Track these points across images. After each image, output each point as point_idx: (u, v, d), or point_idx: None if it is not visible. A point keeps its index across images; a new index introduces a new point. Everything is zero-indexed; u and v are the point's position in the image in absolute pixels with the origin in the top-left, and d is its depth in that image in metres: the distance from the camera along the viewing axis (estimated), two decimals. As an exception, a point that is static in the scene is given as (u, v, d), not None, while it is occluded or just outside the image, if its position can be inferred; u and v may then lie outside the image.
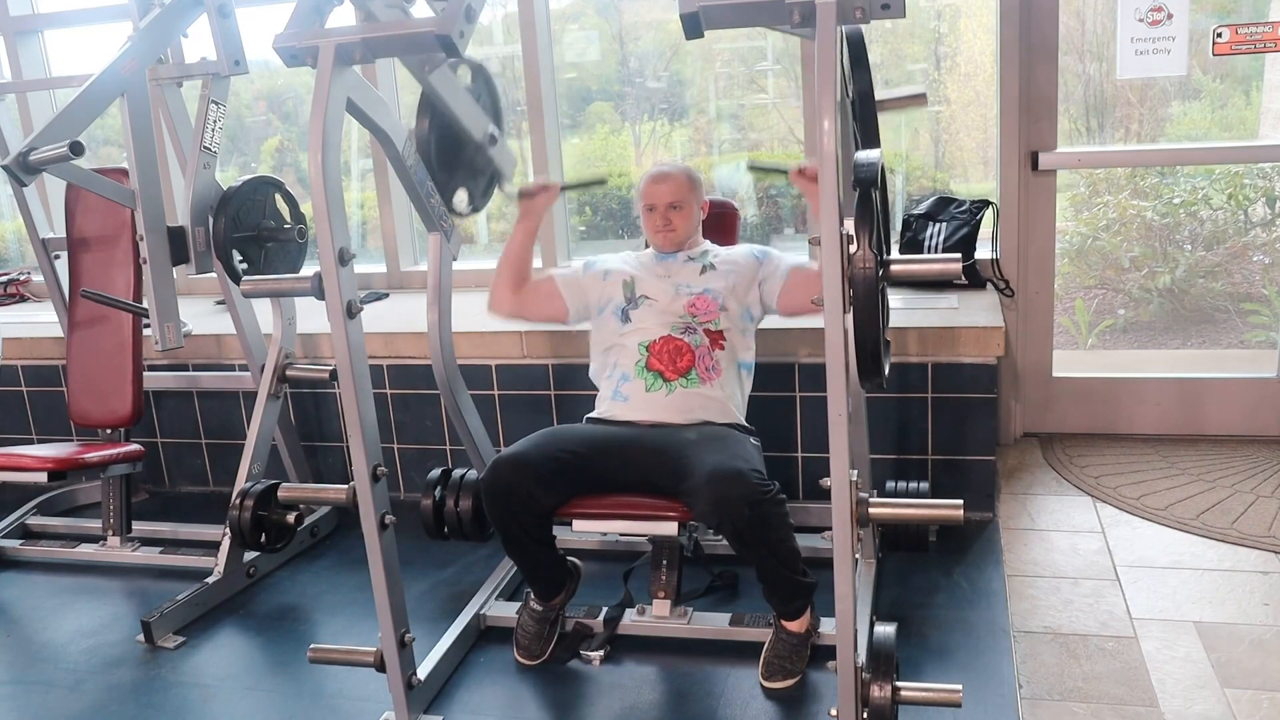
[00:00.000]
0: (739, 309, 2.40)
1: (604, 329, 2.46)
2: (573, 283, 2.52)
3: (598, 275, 2.49)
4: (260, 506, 2.64)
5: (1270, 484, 2.97)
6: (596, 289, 2.48)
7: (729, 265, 2.43)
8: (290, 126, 4.38)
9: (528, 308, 2.54)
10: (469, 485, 2.55)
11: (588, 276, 2.51)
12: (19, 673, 2.47)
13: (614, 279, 2.46)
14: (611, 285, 2.46)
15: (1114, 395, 3.43)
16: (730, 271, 2.42)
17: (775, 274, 2.42)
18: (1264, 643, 2.21)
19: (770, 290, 2.42)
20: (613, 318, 2.43)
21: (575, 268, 2.55)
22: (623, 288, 2.44)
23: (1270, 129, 3.46)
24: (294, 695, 2.29)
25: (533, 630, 2.34)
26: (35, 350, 3.55)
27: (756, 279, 2.43)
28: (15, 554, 3.09)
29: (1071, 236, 3.99)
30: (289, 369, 2.94)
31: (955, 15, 3.55)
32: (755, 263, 2.44)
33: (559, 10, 3.81)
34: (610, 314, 2.44)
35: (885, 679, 1.75)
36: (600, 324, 2.48)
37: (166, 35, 2.67)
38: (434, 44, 1.84)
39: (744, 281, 2.41)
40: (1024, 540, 2.77)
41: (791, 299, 2.40)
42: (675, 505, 2.14)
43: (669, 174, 2.42)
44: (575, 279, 2.52)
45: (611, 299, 2.45)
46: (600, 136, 3.96)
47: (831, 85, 1.58)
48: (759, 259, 2.45)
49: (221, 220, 2.68)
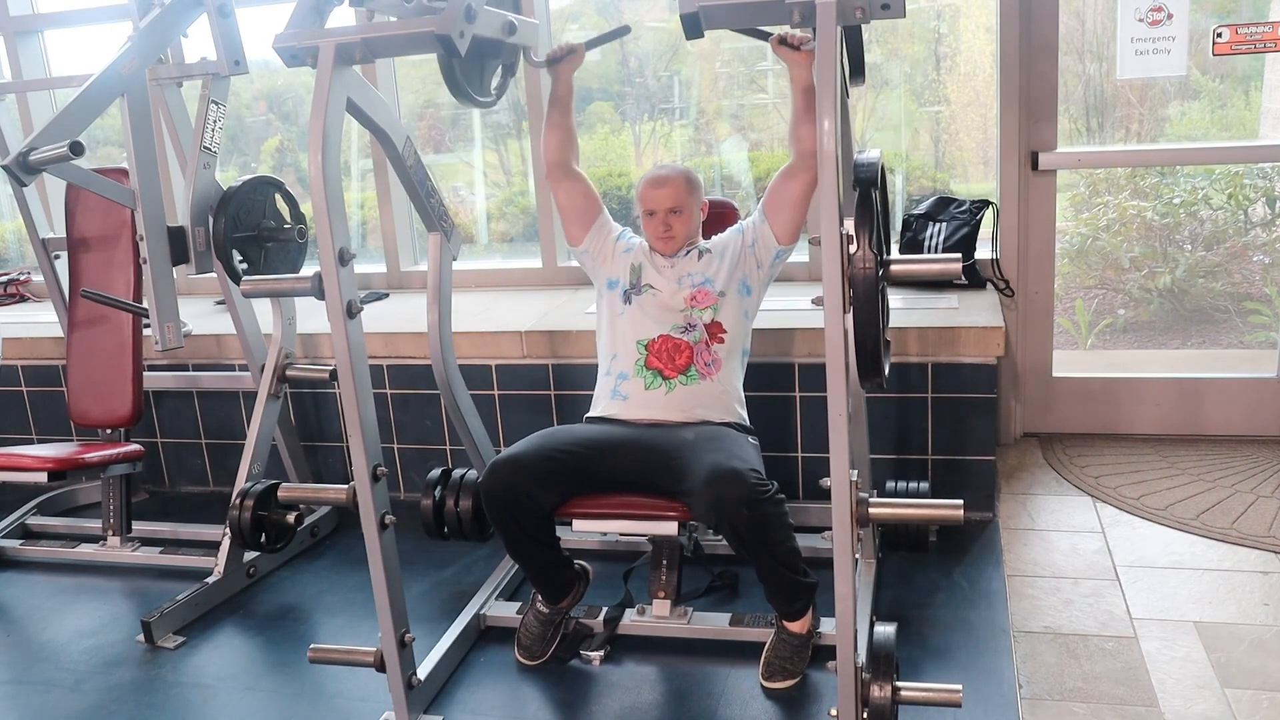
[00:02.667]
0: (736, 286, 2.40)
1: (606, 302, 2.48)
2: (605, 228, 2.51)
3: (621, 245, 2.50)
4: (260, 506, 2.64)
5: (1270, 484, 2.97)
6: (612, 254, 2.49)
7: (721, 246, 2.45)
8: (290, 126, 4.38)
9: (569, 179, 2.47)
10: (469, 485, 2.55)
11: (613, 240, 2.51)
12: (19, 673, 2.47)
13: (626, 258, 2.47)
14: (622, 261, 2.47)
15: (1114, 395, 3.43)
16: (724, 252, 2.43)
17: (755, 223, 2.42)
18: (1264, 643, 2.21)
19: (764, 236, 2.40)
20: (617, 297, 2.44)
21: (613, 224, 2.54)
22: (630, 271, 2.45)
23: (1270, 129, 3.46)
24: (294, 695, 2.29)
25: (536, 631, 2.34)
26: (35, 350, 3.55)
27: (746, 243, 2.43)
28: (15, 554, 3.09)
29: (1071, 236, 3.99)
30: (289, 369, 2.94)
31: (955, 15, 3.54)
32: (738, 235, 2.46)
33: (559, 10, 3.81)
34: (617, 291, 2.45)
35: (885, 679, 1.75)
36: (604, 296, 2.49)
37: (166, 35, 2.67)
38: (434, 44, 1.84)
39: (736, 254, 2.42)
40: (1024, 540, 2.77)
41: (779, 216, 2.37)
42: (675, 505, 2.14)
43: (667, 178, 2.42)
44: (608, 229, 2.52)
45: (620, 276, 2.46)
46: (600, 136, 3.96)
47: (831, 85, 1.58)
48: (739, 230, 2.47)
49: (221, 220, 2.68)
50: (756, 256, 2.42)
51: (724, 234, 2.50)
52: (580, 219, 2.50)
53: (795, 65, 2.22)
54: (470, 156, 4.15)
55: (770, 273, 2.45)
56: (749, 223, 2.45)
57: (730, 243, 2.45)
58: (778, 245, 2.40)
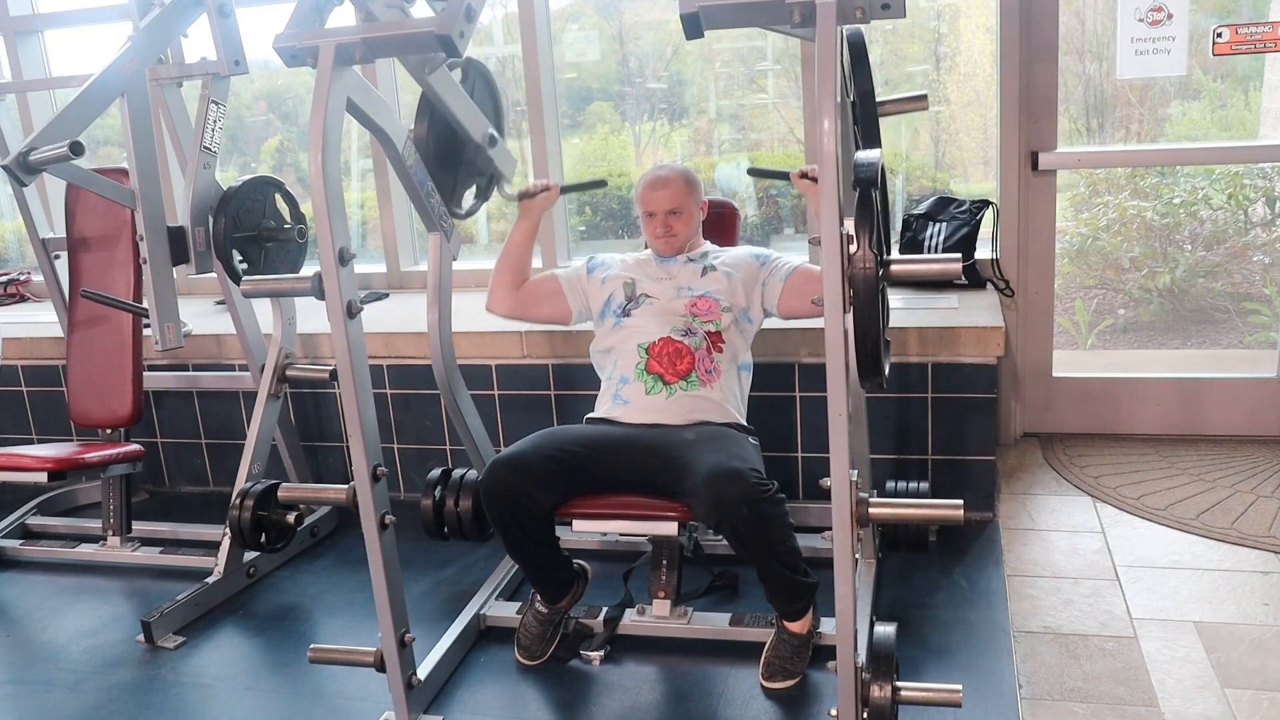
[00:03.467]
0: (739, 311, 2.40)
1: (604, 329, 2.46)
2: (576, 283, 2.52)
3: (598, 279, 2.49)
4: (260, 506, 2.64)
5: (1270, 484, 2.97)
6: (597, 292, 2.49)
7: (730, 267, 2.43)
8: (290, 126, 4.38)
9: (530, 308, 2.54)
10: (469, 485, 2.55)
11: (590, 280, 2.51)
12: (19, 673, 2.47)
13: (614, 282, 2.46)
14: (612, 286, 2.46)
15: (1114, 395, 3.43)
16: (731, 273, 2.42)
17: (776, 275, 2.42)
18: (1264, 643, 2.21)
19: (771, 292, 2.42)
20: (613, 317, 2.43)
21: (578, 268, 2.55)
22: (624, 288, 2.44)
23: (1270, 129, 3.46)
24: (294, 695, 2.29)
25: (535, 631, 2.34)
26: (35, 350, 3.55)
27: (759, 280, 2.42)
28: (15, 554, 3.09)
29: (1071, 236, 3.99)
30: (289, 369, 2.94)
31: (955, 15, 3.55)
32: (756, 265, 2.44)
33: (559, 10, 3.81)
34: (611, 314, 2.44)
35: (885, 679, 1.75)
36: (601, 325, 2.48)
37: (166, 35, 2.67)
38: (434, 44, 1.84)
39: (745, 284, 2.41)
40: (1024, 540, 2.77)
41: (792, 301, 2.40)
42: (675, 505, 2.14)
43: (667, 179, 2.41)
44: (579, 280, 2.52)
45: (612, 299, 2.45)
46: (600, 136, 3.96)
47: (832, 85, 1.58)
48: (760, 261, 2.45)
49: (221, 220, 2.68)
50: (762, 298, 2.43)
51: (737, 252, 2.49)
52: (556, 309, 2.53)
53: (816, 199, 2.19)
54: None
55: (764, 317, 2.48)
56: (771, 265, 2.44)
57: (744, 266, 2.43)
58: (775, 314, 2.45)
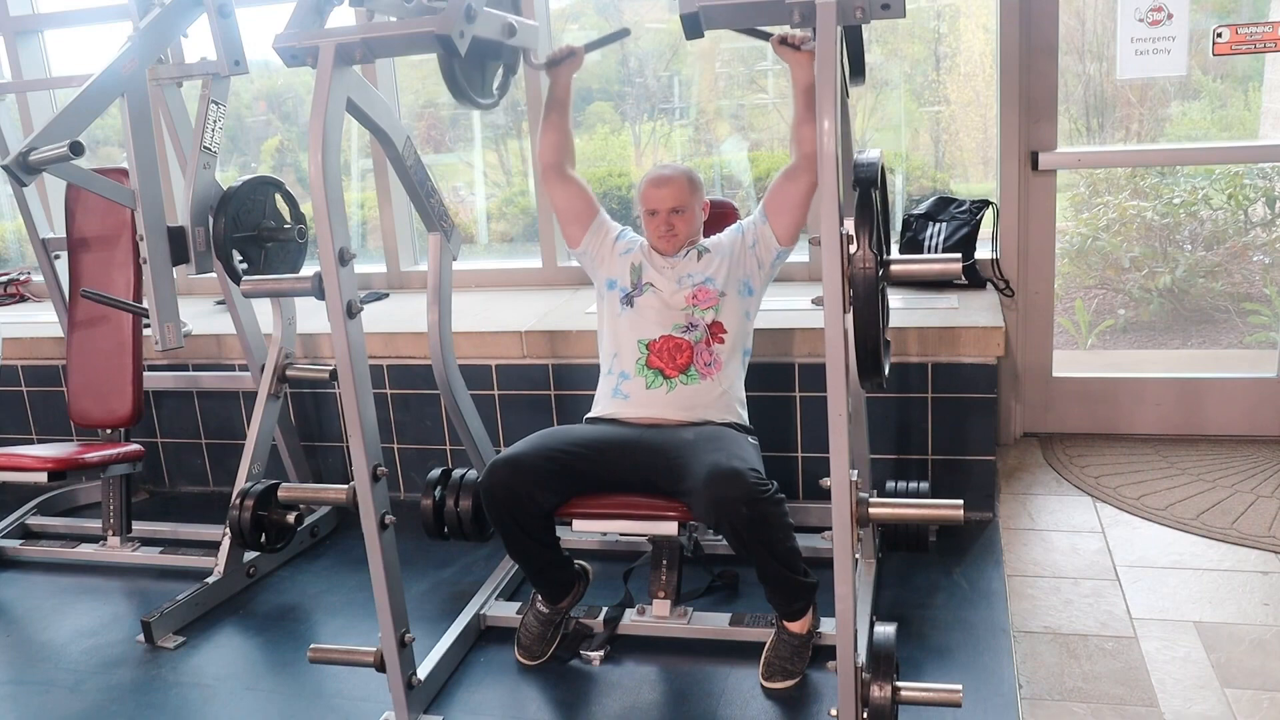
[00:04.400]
0: (737, 286, 2.40)
1: (606, 303, 2.47)
2: (603, 230, 2.51)
3: (621, 247, 2.49)
4: (260, 506, 2.64)
5: (1270, 484, 2.97)
6: (609, 255, 2.49)
7: (719, 246, 2.45)
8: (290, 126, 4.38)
9: (565, 184, 2.48)
10: (469, 485, 2.55)
11: (615, 244, 2.51)
12: (19, 673, 2.47)
13: (625, 260, 2.46)
14: (624, 263, 2.46)
15: (1114, 395, 3.43)
16: (721, 251, 2.43)
17: (754, 222, 2.43)
18: (1264, 643, 2.21)
19: (764, 234, 2.40)
20: (617, 298, 2.44)
21: (613, 225, 2.54)
22: (631, 271, 2.44)
23: (1270, 129, 3.46)
24: (294, 695, 2.29)
25: (536, 631, 2.34)
26: (35, 350, 3.55)
27: (745, 243, 2.43)
28: (15, 554, 3.09)
29: (1071, 236, 3.99)
30: (289, 369, 2.94)
31: (955, 15, 3.54)
32: (738, 233, 2.46)
33: (559, 10, 3.80)
34: (616, 292, 2.45)
35: (885, 679, 1.75)
36: (604, 297, 2.49)
37: (166, 35, 2.67)
38: (434, 44, 1.84)
39: (736, 254, 2.42)
40: (1024, 540, 2.77)
41: (780, 218, 2.37)
42: (675, 505, 2.14)
43: (670, 178, 2.41)
44: (607, 232, 2.52)
45: (619, 276, 2.45)
46: (600, 136, 3.96)
47: (832, 85, 1.58)
48: (740, 229, 2.47)
49: (221, 220, 2.68)
50: (757, 257, 2.42)
51: (723, 233, 2.49)
52: (577, 220, 2.50)
53: (796, 65, 2.22)
54: (470, 156, 4.15)
55: (770, 272, 2.45)
56: (749, 222, 2.45)
57: (730, 242, 2.45)
58: (778, 246, 2.41)
